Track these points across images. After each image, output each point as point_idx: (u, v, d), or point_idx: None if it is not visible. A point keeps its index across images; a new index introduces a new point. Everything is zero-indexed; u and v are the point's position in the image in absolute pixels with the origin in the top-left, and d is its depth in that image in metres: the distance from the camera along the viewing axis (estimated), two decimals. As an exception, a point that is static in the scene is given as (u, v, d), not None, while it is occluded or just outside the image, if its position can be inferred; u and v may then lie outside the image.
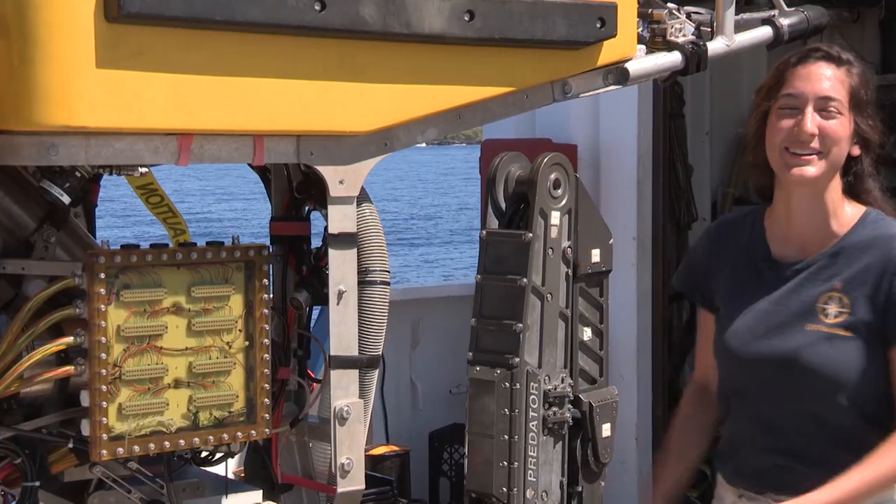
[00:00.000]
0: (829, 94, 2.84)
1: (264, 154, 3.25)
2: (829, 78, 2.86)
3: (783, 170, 2.83)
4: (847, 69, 2.88)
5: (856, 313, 2.81)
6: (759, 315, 2.88)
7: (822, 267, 2.87)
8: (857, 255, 2.86)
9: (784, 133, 2.82)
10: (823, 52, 2.90)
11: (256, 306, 3.28)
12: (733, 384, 2.92)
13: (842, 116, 2.83)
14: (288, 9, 3.08)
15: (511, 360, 4.53)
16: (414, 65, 3.37)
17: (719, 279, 2.98)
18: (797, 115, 2.82)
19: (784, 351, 2.81)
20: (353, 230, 3.42)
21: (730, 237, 3.00)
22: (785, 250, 2.92)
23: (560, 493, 4.66)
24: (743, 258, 2.96)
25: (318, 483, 3.63)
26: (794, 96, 2.84)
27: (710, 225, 3.14)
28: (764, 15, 4.53)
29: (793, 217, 2.90)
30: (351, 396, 3.46)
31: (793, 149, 2.81)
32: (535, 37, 3.52)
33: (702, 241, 3.11)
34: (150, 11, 2.89)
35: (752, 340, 2.86)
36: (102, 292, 3.07)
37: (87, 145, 3.00)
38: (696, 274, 3.04)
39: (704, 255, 3.04)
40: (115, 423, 3.10)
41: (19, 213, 3.32)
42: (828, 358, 2.79)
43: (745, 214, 3.05)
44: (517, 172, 4.74)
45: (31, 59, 2.85)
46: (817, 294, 2.85)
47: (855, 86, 2.87)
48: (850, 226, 2.89)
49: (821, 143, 2.81)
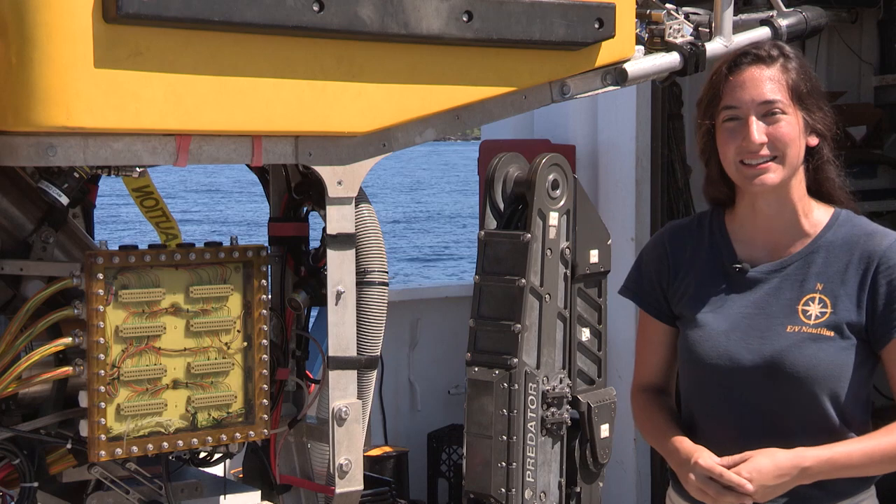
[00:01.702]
0: (769, 97, 2.79)
1: (262, 154, 3.25)
2: (765, 80, 2.81)
3: (744, 182, 2.79)
4: (781, 66, 2.83)
5: (839, 313, 2.79)
6: (735, 319, 2.83)
7: (799, 268, 2.83)
8: (836, 254, 2.83)
9: (734, 148, 2.79)
10: (753, 55, 2.84)
11: (255, 307, 3.28)
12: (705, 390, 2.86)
13: (787, 116, 2.79)
14: (286, 9, 3.08)
15: (509, 360, 4.53)
16: (412, 65, 3.38)
17: (680, 285, 2.93)
18: (742, 126, 2.78)
19: (769, 354, 2.77)
20: (352, 231, 3.42)
21: (687, 242, 2.95)
22: (753, 253, 2.87)
23: (558, 493, 4.66)
24: (707, 263, 2.91)
25: (316, 484, 3.63)
26: (734, 108, 2.80)
27: (661, 232, 3.07)
28: (762, 16, 4.54)
29: (759, 220, 2.86)
30: (349, 397, 3.46)
31: (747, 160, 2.78)
32: (534, 37, 3.52)
33: (654, 248, 3.04)
34: (148, 12, 2.89)
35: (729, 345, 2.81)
36: (101, 293, 3.07)
37: (85, 146, 3.00)
38: (649, 282, 2.98)
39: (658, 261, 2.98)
40: (114, 424, 3.10)
41: (17, 213, 3.33)
42: (815, 359, 2.75)
43: (699, 219, 3.00)
44: (515, 173, 4.75)
45: (29, 60, 2.85)
46: (797, 295, 2.81)
47: (793, 80, 2.82)
48: (822, 225, 2.86)
49: (772, 148, 2.78)
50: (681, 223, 3.08)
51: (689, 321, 2.88)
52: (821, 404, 2.77)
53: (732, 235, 2.92)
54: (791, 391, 2.77)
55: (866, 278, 2.80)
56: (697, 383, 2.90)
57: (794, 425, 2.76)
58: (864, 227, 2.87)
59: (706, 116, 2.86)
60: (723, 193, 2.92)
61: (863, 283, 2.80)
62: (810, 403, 2.77)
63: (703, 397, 2.88)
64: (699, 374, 2.87)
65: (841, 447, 2.75)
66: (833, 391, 2.77)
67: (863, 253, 2.82)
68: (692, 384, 2.93)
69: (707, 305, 2.87)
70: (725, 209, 2.95)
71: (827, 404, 2.77)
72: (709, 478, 2.70)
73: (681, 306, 2.92)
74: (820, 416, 2.77)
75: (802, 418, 2.77)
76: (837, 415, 2.78)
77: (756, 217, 2.87)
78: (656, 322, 2.99)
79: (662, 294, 2.96)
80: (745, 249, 2.89)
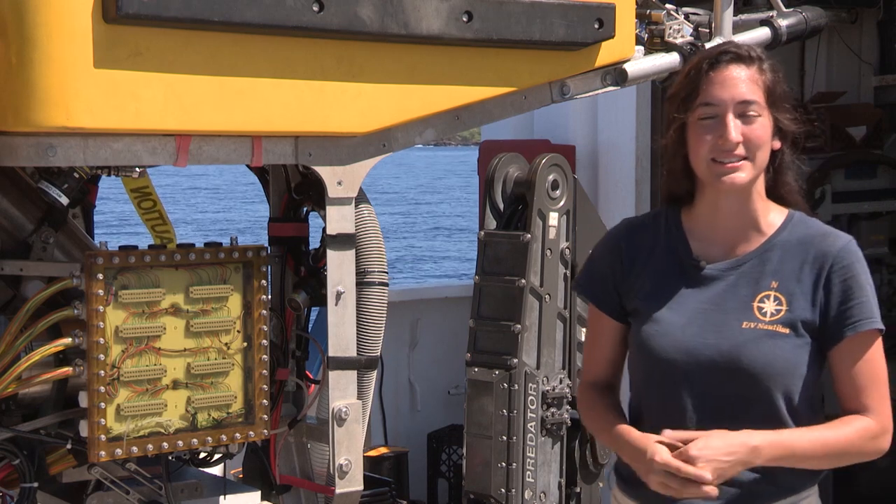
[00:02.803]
0: (747, 97, 2.81)
1: (262, 155, 3.25)
2: (744, 80, 2.82)
3: (713, 179, 2.82)
4: (759, 67, 2.85)
5: (794, 310, 2.83)
6: (691, 315, 2.86)
7: (755, 266, 2.87)
8: (791, 253, 2.87)
9: (709, 144, 2.81)
10: (733, 54, 2.86)
11: (255, 307, 3.28)
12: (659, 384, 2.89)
13: (762, 118, 2.82)
14: (286, 9, 3.08)
15: (509, 361, 4.54)
16: (412, 66, 3.38)
17: (635, 281, 2.94)
18: (718, 123, 2.80)
19: (726, 349, 2.80)
20: (351, 231, 3.42)
21: (643, 239, 2.97)
22: (709, 250, 2.90)
23: (558, 493, 4.66)
24: (663, 259, 2.93)
25: (316, 484, 3.63)
26: (712, 105, 2.81)
27: (615, 229, 3.09)
28: (762, 16, 4.54)
29: (719, 219, 2.89)
30: (349, 397, 3.46)
31: (720, 158, 2.80)
32: (534, 38, 3.52)
33: (608, 246, 3.06)
34: (148, 12, 2.89)
35: (686, 339, 2.84)
36: (101, 293, 3.07)
37: (85, 146, 3.00)
38: (603, 278, 3.00)
39: (612, 259, 3.00)
40: (114, 424, 3.10)
41: (17, 214, 3.33)
42: (772, 355, 2.80)
43: (654, 216, 3.02)
44: (515, 173, 4.75)
45: (29, 60, 2.85)
46: (753, 292, 2.85)
47: (769, 83, 2.85)
48: (778, 225, 2.91)
49: (746, 148, 2.80)
50: (636, 220, 3.11)
51: (645, 316, 2.91)
52: (774, 400, 2.81)
53: (689, 233, 2.94)
54: (746, 386, 2.81)
55: (821, 278, 2.84)
56: (651, 377, 2.92)
57: (747, 420, 2.80)
58: (819, 228, 2.92)
59: (681, 111, 2.87)
60: (683, 189, 2.95)
61: (817, 283, 2.84)
62: (764, 398, 2.81)
63: (657, 391, 2.90)
64: (654, 367, 2.89)
65: (789, 432, 2.80)
66: (787, 387, 2.82)
67: (817, 253, 2.86)
68: (645, 378, 2.95)
69: (663, 301, 2.90)
70: (682, 207, 2.98)
71: (780, 400, 2.82)
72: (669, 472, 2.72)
73: (636, 302, 2.94)
74: (773, 412, 2.82)
75: (756, 413, 2.81)
76: (789, 411, 2.83)
77: (717, 215, 2.91)
78: (607, 318, 3.01)
79: (615, 290, 2.98)
80: (701, 247, 2.92)
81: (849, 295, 2.82)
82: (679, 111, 2.87)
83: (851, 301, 2.81)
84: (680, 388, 2.85)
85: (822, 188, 6.95)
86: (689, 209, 2.96)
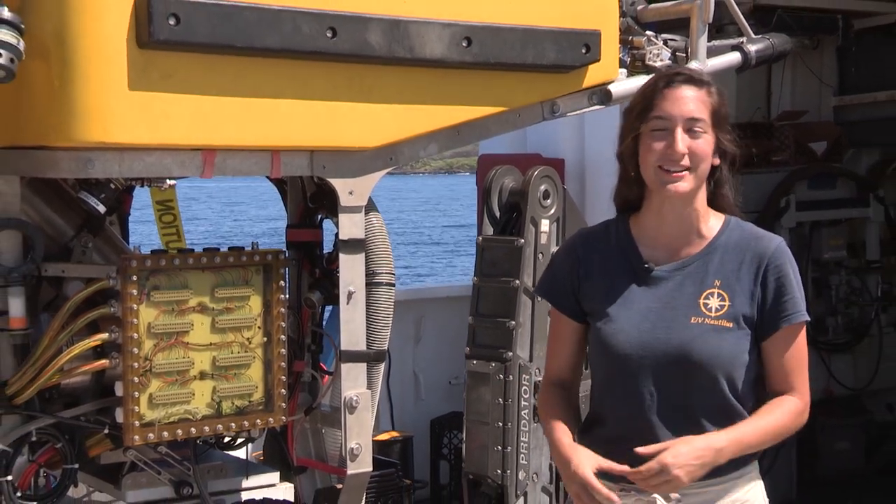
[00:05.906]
0: (695, 115, 2.86)
1: (281, 167, 3.25)
2: (694, 100, 2.87)
3: (659, 186, 2.86)
4: (707, 90, 2.91)
5: (735, 306, 2.87)
6: (644, 313, 2.88)
7: (698, 267, 2.91)
8: (731, 254, 2.92)
9: (658, 153, 2.85)
10: (686, 76, 2.91)
11: (274, 305, 3.27)
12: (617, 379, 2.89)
13: (706, 134, 2.87)
14: (302, 36, 3.08)
15: (505, 354, 4.53)
16: (417, 86, 3.37)
17: (592, 285, 2.96)
18: (668, 136, 2.85)
19: (676, 343, 2.83)
20: (362, 236, 3.41)
21: (597, 246, 3.00)
22: (656, 254, 2.93)
23: (550, 474, 4.65)
24: (616, 264, 2.96)
25: (330, 465, 3.62)
26: (664, 118, 2.86)
27: (572, 238, 3.12)
28: (734, 42, 4.54)
29: (664, 224, 2.93)
30: (359, 387, 3.45)
31: (666, 166, 2.84)
32: (527, 61, 3.51)
33: (567, 252, 3.08)
34: (178, 38, 2.89)
35: (640, 336, 2.86)
36: (135, 293, 3.06)
37: (120, 159, 3.00)
38: (563, 281, 3.01)
39: (570, 263, 3.01)
40: (146, 412, 3.10)
41: (60, 221, 3.33)
42: (718, 347, 2.84)
43: (605, 226, 3.07)
44: (510, 184, 4.74)
45: (70, 82, 2.84)
46: (698, 290, 2.89)
47: (715, 105, 2.90)
48: (717, 230, 2.94)
49: (690, 160, 2.85)
50: (591, 230, 3.14)
51: (602, 316, 2.92)
52: (721, 388, 2.85)
53: (637, 239, 2.97)
54: (696, 377, 2.84)
55: (758, 276, 2.89)
56: (610, 371, 2.93)
57: (698, 407, 2.82)
58: (753, 232, 2.97)
59: (636, 123, 2.90)
60: (633, 195, 2.97)
61: (755, 280, 2.89)
62: (713, 387, 2.84)
63: (615, 387, 2.90)
64: (612, 362, 2.90)
65: (744, 427, 2.83)
66: (732, 375, 2.86)
67: (754, 254, 2.91)
68: (605, 375, 2.95)
69: (618, 302, 2.92)
70: (630, 216, 2.99)
71: (726, 387, 2.85)
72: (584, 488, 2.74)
73: (593, 304, 2.95)
74: (720, 398, 2.86)
75: (705, 401, 2.84)
76: (734, 396, 2.87)
77: (661, 220, 2.93)
78: (567, 319, 3.01)
79: (573, 293, 2.99)
80: (648, 251, 2.95)
81: (782, 291, 2.86)
82: (635, 123, 2.90)
83: (785, 296, 2.85)
84: (637, 379, 2.86)
85: (787, 198, 6.94)
86: (637, 217, 2.99)
